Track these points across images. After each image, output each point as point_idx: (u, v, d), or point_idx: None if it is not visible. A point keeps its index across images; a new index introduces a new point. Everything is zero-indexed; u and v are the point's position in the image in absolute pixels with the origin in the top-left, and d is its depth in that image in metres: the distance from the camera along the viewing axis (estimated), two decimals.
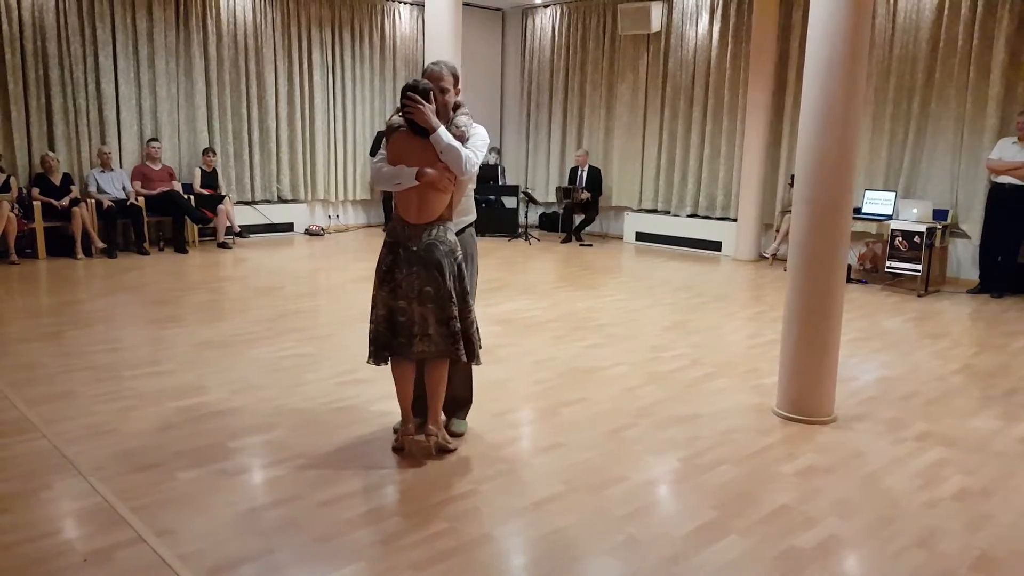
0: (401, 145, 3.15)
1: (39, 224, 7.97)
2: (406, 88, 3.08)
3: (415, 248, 3.13)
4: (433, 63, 3.28)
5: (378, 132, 10.81)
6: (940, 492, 3.17)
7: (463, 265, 3.22)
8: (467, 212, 3.47)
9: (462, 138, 3.16)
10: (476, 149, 3.17)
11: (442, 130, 3.07)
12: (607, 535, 2.74)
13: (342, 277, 7.54)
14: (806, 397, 3.91)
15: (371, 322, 3.26)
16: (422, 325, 3.16)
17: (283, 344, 5.07)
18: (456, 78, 3.30)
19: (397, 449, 3.39)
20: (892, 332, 5.91)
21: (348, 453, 3.38)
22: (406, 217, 3.16)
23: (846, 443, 3.67)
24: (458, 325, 3.16)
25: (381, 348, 3.25)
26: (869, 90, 8.23)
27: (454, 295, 3.15)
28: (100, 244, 8.23)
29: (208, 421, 3.71)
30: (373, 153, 10.72)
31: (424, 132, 3.08)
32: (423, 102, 3.05)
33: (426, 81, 3.17)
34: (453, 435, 3.52)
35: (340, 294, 6.74)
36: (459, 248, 3.23)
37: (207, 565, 2.47)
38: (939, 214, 7.66)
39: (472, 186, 3.46)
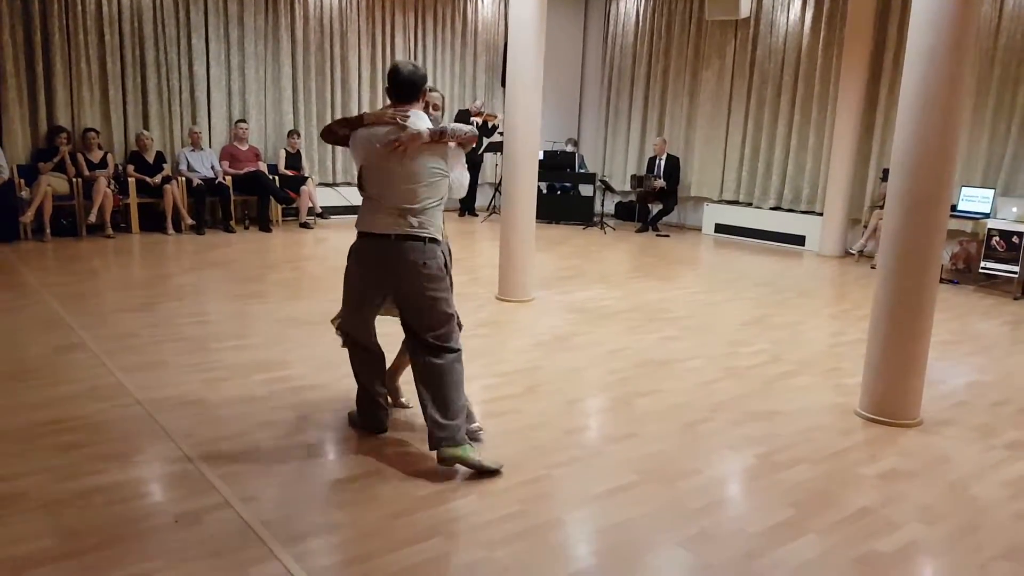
0: None
1: (133, 200, 8.35)
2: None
3: None
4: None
5: (459, 110, 10.89)
6: None
7: None
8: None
9: None
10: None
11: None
12: (680, 527, 2.72)
13: None
14: (891, 398, 3.78)
15: None
16: None
17: None
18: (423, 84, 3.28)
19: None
20: (985, 335, 5.64)
21: (423, 434, 3.42)
22: None
23: (932, 448, 3.53)
24: None
25: None
26: (971, 81, 7.82)
27: None
28: (189, 221, 8.56)
29: (291, 395, 3.84)
30: None
31: None
32: None
33: None
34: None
35: None
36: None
37: (289, 533, 2.57)
38: None
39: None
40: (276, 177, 9.33)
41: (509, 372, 4.33)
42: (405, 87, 3.11)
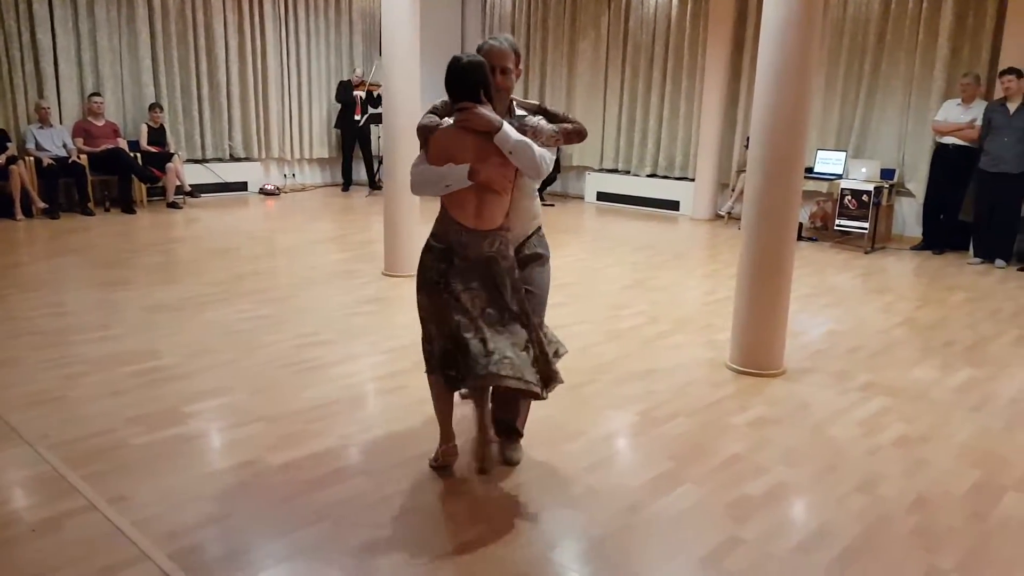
0: (448, 142, 2.65)
1: None
2: (458, 70, 2.65)
3: (473, 258, 2.67)
4: (492, 38, 2.78)
5: (340, 81, 10.63)
6: (881, 439, 3.31)
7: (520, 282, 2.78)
8: (536, 216, 3.04)
9: (536, 135, 2.69)
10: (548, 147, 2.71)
11: (506, 126, 2.61)
12: (567, 487, 2.80)
13: (300, 238, 7.42)
14: (757, 351, 4.01)
15: (425, 341, 2.79)
16: (498, 346, 2.60)
17: (239, 307, 4.99)
18: (519, 56, 2.82)
19: (438, 468, 2.92)
20: (840, 288, 6.07)
21: (309, 416, 3.37)
22: (462, 220, 2.66)
23: (795, 395, 3.79)
24: (535, 350, 2.68)
25: (448, 368, 2.69)
26: (823, 51, 8.30)
27: (525, 316, 2.72)
28: (41, 204, 7.91)
29: (161, 386, 3.65)
30: (339, 99, 10.50)
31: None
32: (475, 105, 2.61)
33: (476, 59, 2.68)
34: (508, 463, 3.01)
35: (298, 255, 6.64)
36: (515, 264, 2.79)
37: (163, 531, 2.45)
38: (886, 173, 7.84)
39: (536, 186, 2.97)
40: (138, 154, 8.76)
41: (397, 348, 4.29)
42: None
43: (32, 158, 7.97)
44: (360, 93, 10.39)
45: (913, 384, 3.99)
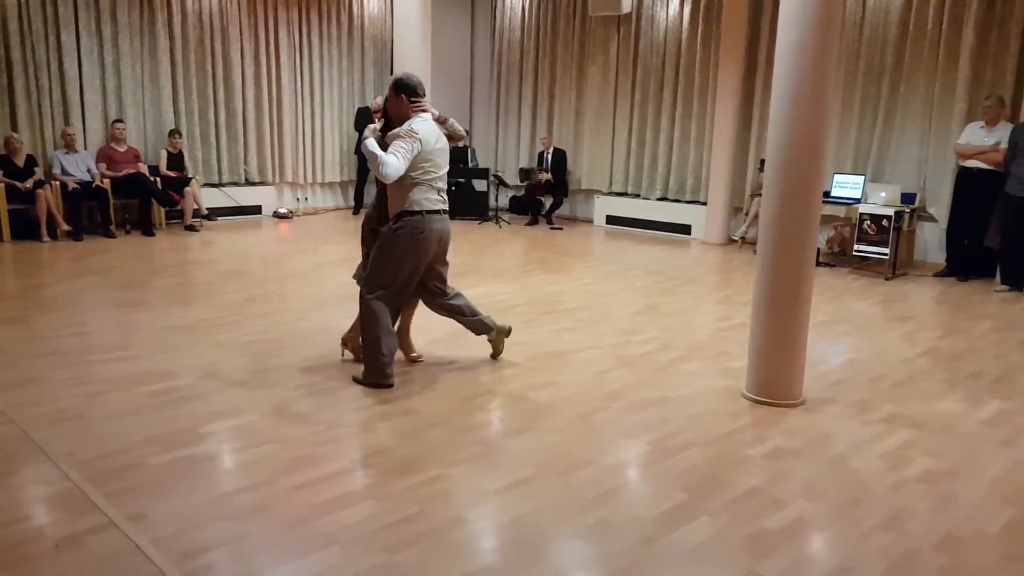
0: None
1: (2, 206, 7.78)
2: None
3: None
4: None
5: (359, 108, 10.80)
6: (906, 474, 3.23)
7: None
8: (399, 207, 4.01)
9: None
10: (394, 151, 3.84)
11: (367, 134, 3.98)
12: (578, 518, 2.76)
13: (311, 261, 7.46)
14: (775, 380, 3.95)
15: None
16: None
17: (252, 329, 5.01)
18: (398, 89, 4.00)
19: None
20: (860, 315, 6.00)
21: (318, 438, 3.36)
22: None
23: (814, 426, 3.72)
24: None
25: None
26: (839, 73, 8.29)
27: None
28: (65, 227, 8.05)
29: (177, 406, 3.66)
30: (357, 127, 10.65)
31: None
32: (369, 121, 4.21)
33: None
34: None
35: (309, 278, 6.67)
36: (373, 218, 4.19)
37: (179, 550, 2.45)
38: (907, 198, 7.76)
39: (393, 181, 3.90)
40: (158, 179, 8.89)
41: (405, 372, 4.28)
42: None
43: (58, 182, 8.11)
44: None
45: (938, 416, 3.91)
